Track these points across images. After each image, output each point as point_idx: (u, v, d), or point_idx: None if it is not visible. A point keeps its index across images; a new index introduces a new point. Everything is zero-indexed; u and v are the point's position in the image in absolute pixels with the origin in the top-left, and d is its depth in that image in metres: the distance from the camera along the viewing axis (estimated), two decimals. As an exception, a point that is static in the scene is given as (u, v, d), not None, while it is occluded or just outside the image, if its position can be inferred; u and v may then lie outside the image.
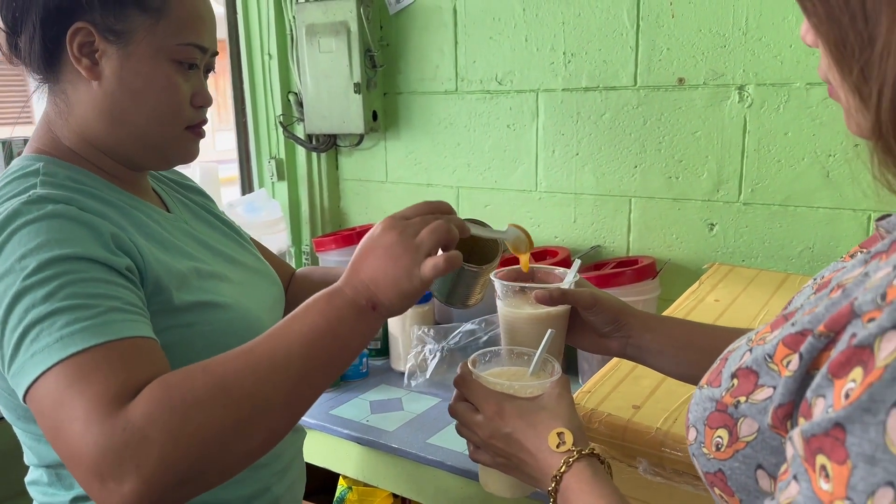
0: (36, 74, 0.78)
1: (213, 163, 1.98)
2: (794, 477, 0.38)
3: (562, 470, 0.61)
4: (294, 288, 1.07)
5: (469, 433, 0.69)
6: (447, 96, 1.83)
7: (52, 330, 0.60)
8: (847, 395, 0.36)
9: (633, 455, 0.87)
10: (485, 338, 1.59)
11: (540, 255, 1.63)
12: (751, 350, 0.47)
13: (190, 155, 0.84)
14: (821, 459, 0.36)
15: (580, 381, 1.45)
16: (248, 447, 0.61)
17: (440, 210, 0.71)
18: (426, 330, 1.54)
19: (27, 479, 0.81)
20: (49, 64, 0.76)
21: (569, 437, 0.63)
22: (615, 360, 1.08)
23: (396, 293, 0.66)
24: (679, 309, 1.26)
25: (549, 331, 0.73)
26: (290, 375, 0.62)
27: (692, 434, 0.52)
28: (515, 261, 0.84)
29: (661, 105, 1.54)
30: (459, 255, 0.67)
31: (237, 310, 0.80)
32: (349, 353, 0.67)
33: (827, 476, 0.36)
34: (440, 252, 0.68)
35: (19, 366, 0.61)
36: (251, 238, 1.06)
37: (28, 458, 0.80)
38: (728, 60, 1.45)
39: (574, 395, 0.95)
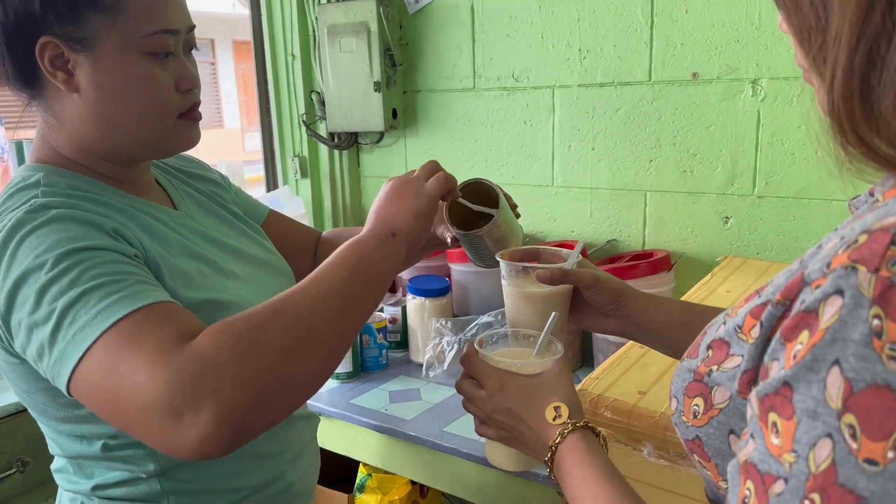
0: (21, 94, 0.78)
1: (238, 162, 2.04)
2: (752, 435, 0.41)
3: (557, 441, 0.65)
4: (321, 249, 1.11)
5: (474, 408, 0.73)
6: (465, 93, 1.87)
7: (88, 308, 0.62)
8: (795, 357, 0.39)
9: (639, 439, 0.90)
10: (501, 330, 1.62)
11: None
12: (725, 322, 0.50)
13: (190, 142, 0.83)
14: (772, 417, 0.39)
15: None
16: (312, 364, 0.64)
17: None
18: (444, 322, 1.58)
19: (53, 466, 0.85)
20: (29, 82, 0.76)
21: (565, 411, 0.66)
22: (624, 348, 1.10)
23: (411, 215, 0.76)
24: (690, 299, 1.28)
25: (554, 313, 0.76)
26: (335, 302, 0.67)
27: (673, 404, 0.55)
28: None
29: (675, 100, 1.56)
30: (451, 176, 0.81)
31: (243, 307, 0.82)
32: (383, 278, 0.74)
33: (777, 432, 0.39)
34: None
35: (60, 353, 0.62)
36: (271, 211, 1.08)
37: (52, 448, 0.83)
38: (741, 55, 1.47)
39: (582, 382, 0.98)
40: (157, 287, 0.68)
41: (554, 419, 0.66)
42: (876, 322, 0.35)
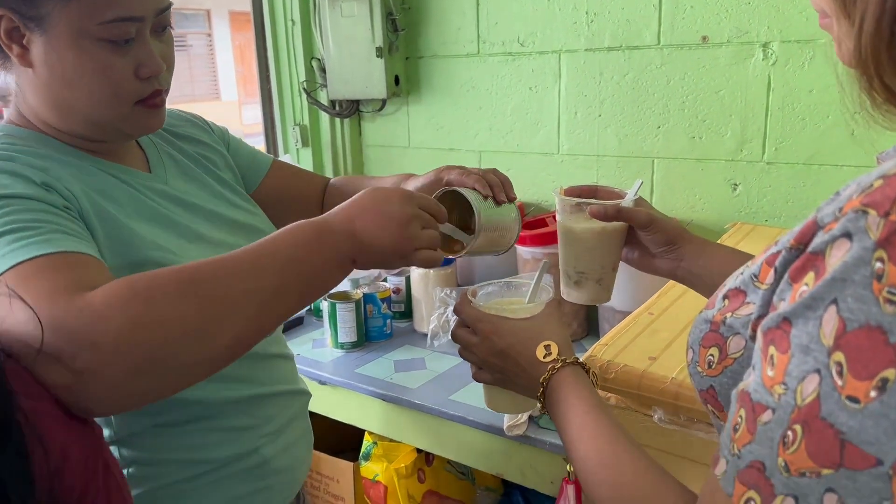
0: None
1: (237, 132, 2.01)
2: (753, 367, 0.43)
3: (547, 377, 0.67)
4: (328, 198, 1.10)
5: (469, 354, 0.75)
6: (469, 59, 1.83)
7: (1, 246, 0.60)
8: (800, 296, 0.39)
9: (649, 405, 0.89)
10: (494, 281, 1.61)
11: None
12: (742, 272, 0.50)
13: (151, 126, 0.81)
14: (771, 350, 0.41)
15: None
16: (211, 349, 0.60)
17: (438, 218, 0.77)
18: (448, 292, 1.57)
19: None
20: None
21: (555, 348, 0.68)
22: (633, 314, 1.09)
23: (379, 262, 0.72)
24: (699, 267, 1.26)
25: (543, 261, 0.79)
26: (265, 287, 0.63)
27: (689, 355, 0.55)
28: (541, 223, 0.88)
29: (684, 64, 1.53)
30: (440, 256, 0.76)
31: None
32: (320, 289, 0.71)
33: (772, 364, 0.40)
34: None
35: None
36: (275, 160, 1.07)
37: None
38: (752, 17, 1.43)
39: (591, 349, 0.97)
40: (76, 237, 0.65)
41: (545, 357, 0.68)
42: (878, 265, 0.36)
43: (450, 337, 0.77)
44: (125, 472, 0.79)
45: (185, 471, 0.82)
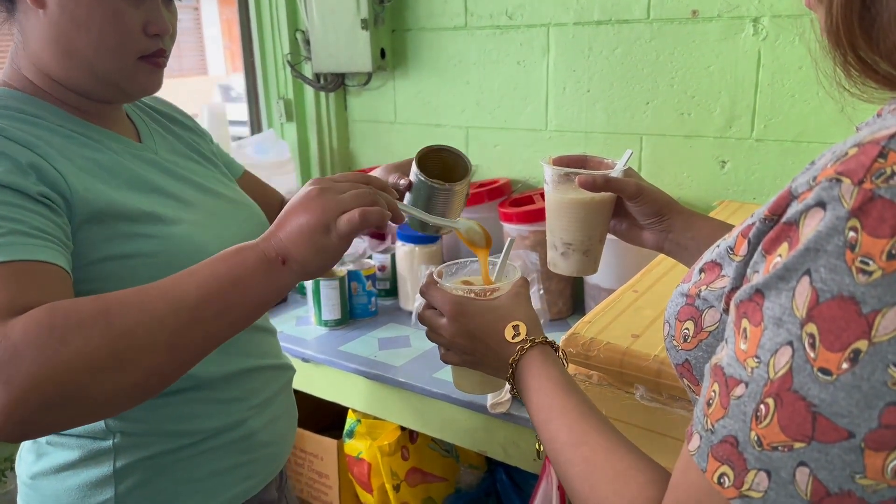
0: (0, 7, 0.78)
1: (221, 104, 1.97)
2: (726, 340, 0.42)
3: (516, 357, 0.66)
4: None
5: (437, 336, 0.73)
6: (456, 32, 1.80)
7: None
8: (774, 267, 0.39)
9: (631, 382, 0.88)
10: (461, 260, 1.59)
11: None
12: (719, 245, 0.49)
13: (151, 85, 0.82)
14: (744, 323, 0.40)
15: (586, 318, 1.45)
16: (122, 383, 0.59)
17: (371, 184, 0.70)
18: (434, 270, 1.55)
19: None
20: None
21: (523, 329, 0.67)
22: (617, 292, 1.08)
23: (311, 248, 0.64)
24: (685, 245, 1.25)
25: (510, 239, 0.77)
26: (180, 318, 0.60)
27: (666, 329, 0.54)
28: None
29: (674, 39, 1.50)
30: (377, 210, 0.65)
31: (186, 225, 0.80)
32: (251, 305, 0.64)
33: (745, 337, 0.40)
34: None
35: None
36: (245, 171, 1.07)
37: None
38: (744, -10, 1.41)
39: (574, 326, 0.96)
40: (37, 238, 0.65)
41: (513, 337, 0.67)
42: (851, 234, 0.35)
43: (416, 319, 0.75)
44: (111, 442, 0.79)
45: (172, 441, 0.81)
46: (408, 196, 0.85)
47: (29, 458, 0.83)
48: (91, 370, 0.57)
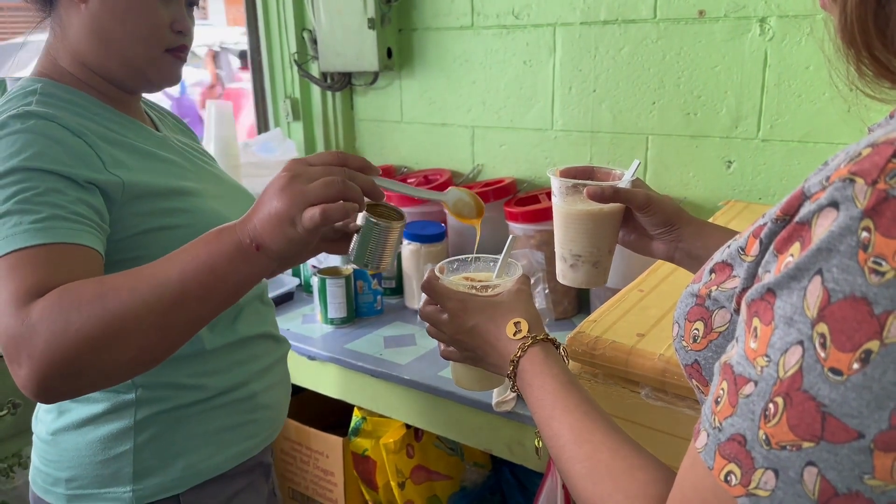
0: (38, 5, 0.88)
1: (227, 103, 1.97)
2: (736, 339, 0.42)
3: (518, 355, 0.66)
4: None
5: (438, 332, 0.73)
6: (462, 32, 1.80)
7: (3, 228, 0.70)
8: (786, 267, 0.39)
9: (636, 381, 0.88)
10: (462, 256, 1.60)
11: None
12: (729, 246, 0.49)
13: (173, 76, 0.93)
14: (755, 322, 0.40)
15: (591, 317, 1.46)
16: (120, 358, 0.66)
17: (349, 164, 0.69)
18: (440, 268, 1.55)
19: None
20: None
21: (524, 326, 0.67)
22: (623, 291, 1.08)
23: (281, 237, 0.65)
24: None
25: (511, 237, 0.77)
26: (164, 300, 0.66)
27: (675, 329, 0.54)
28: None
29: (680, 39, 1.50)
30: (339, 207, 0.64)
31: (211, 215, 0.89)
32: (228, 289, 0.68)
33: (756, 336, 0.40)
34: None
35: None
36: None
37: None
38: (751, -9, 1.41)
39: (580, 325, 0.96)
40: (76, 223, 0.72)
41: (514, 334, 0.67)
42: (864, 234, 0.35)
43: (418, 315, 0.75)
44: (133, 395, 0.87)
45: (184, 396, 0.90)
46: (355, 237, 0.77)
47: (48, 417, 0.90)
48: (92, 348, 0.64)
